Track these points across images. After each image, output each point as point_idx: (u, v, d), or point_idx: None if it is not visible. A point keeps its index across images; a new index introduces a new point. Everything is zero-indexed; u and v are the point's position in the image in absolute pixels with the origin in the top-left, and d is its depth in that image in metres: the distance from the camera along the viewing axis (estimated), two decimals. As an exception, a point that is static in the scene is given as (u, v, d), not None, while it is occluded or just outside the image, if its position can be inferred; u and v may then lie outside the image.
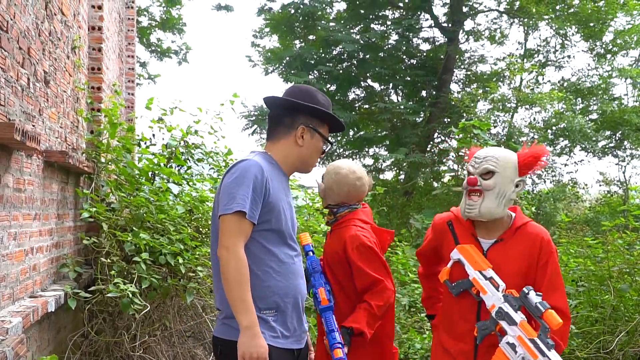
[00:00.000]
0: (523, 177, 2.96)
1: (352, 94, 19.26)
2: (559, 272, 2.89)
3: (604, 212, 11.83)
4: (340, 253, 3.35)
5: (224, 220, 2.59)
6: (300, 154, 2.85)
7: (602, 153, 16.08)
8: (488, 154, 2.96)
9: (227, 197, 2.60)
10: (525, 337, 2.69)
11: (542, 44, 17.73)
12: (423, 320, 6.21)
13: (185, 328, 5.21)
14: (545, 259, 2.86)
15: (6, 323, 3.02)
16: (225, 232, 2.57)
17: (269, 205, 2.66)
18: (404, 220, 12.68)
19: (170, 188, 5.70)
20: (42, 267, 4.05)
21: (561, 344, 2.78)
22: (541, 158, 2.94)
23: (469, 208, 2.95)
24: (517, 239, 2.92)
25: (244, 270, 2.55)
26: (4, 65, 3.14)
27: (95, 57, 5.92)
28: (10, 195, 3.34)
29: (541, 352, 2.63)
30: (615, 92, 16.60)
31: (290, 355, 2.72)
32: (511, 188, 2.91)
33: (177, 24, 21.13)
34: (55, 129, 4.41)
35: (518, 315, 2.74)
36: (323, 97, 2.90)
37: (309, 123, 2.83)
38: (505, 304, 2.77)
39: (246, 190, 2.58)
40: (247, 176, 2.61)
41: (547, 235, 2.93)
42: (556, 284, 2.85)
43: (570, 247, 6.09)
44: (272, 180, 2.70)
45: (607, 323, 4.81)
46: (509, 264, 2.88)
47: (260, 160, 2.70)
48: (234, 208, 2.55)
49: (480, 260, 2.90)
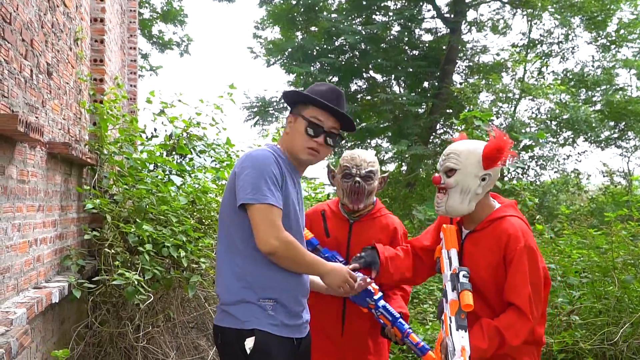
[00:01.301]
0: (490, 170, 2.88)
1: (354, 85, 19.23)
2: (524, 270, 2.76)
3: (608, 203, 11.78)
4: (385, 240, 3.39)
5: (256, 210, 2.57)
6: (288, 140, 2.81)
7: (606, 144, 16.05)
8: (451, 151, 2.94)
9: (249, 186, 2.58)
10: (448, 314, 2.69)
11: (545, 34, 17.66)
12: (426, 311, 6.22)
13: (188, 319, 5.22)
14: (510, 256, 2.78)
15: (10, 314, 3.02)
16: (262, 223, 2.56)
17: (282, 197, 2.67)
18: (407, 212, 12.65)
19: (173, 179, 5.71)
20: (46, 259, 4.06)
21: (506, 338, 2.69)
22: (504, 149, 2.86)
23: (437, 206, 2.98)
24: (488, 232, 2.88)
25: (299, 250, 2.64)
26: (7, 57, 3.13)
27: (98, 49, 5.91)
28: (14, 187, 3.34)
29: (451, 330, 2.62)
30: (619, 82, 16.57)
31: (289, 344, 2.70)
32: (476, 182, 2.86)
33: (178, 15, 21.11)
34: (58, 121, 4.40)
35: (453, 294, 2.72)
36: (321, 85, 2.86)
37: (294, 110, 2.83)
38: (449, 282, 2.78)
39: (267, 180, 2.59)
40: (265, 168, 2.61)
41: (519, 232, 2.82)
42: (518, 282, 2.75)
43: (573, 239, 6.08)
44: (284, 173, 2.70)
45: (611, 314, 4.80)
46: (479, 256, 2.87)
47: (273, 152, 2.72)
48: (260, 200, 2.56)
49: (450, 241, 2.92)
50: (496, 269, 2.82)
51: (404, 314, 3.27)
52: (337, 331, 3.41)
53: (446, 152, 2.97)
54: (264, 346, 2.58)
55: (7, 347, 2.56)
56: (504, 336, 2.70)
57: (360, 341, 3.41)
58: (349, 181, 3.38)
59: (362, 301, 3.21)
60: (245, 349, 2.58)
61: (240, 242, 2.65)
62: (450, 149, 2.97)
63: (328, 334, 3.41)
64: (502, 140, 2.87)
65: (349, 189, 3.38)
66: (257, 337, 2.59)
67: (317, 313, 3.29)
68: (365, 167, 3.39)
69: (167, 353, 4.87)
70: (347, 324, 3.40)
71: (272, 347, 2.60)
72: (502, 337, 2.70)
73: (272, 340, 2.61)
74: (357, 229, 3.44)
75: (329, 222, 3.49)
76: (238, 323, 2.62)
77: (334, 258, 3.29)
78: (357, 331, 3.40)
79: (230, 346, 2.64)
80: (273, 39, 20.32)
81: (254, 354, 2.58)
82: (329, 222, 3.50)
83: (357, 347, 3.41)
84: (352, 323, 3.39)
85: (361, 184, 3.36)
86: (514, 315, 2.73)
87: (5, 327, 2.85)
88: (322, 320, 3.36)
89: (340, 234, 3.45)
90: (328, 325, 3.40)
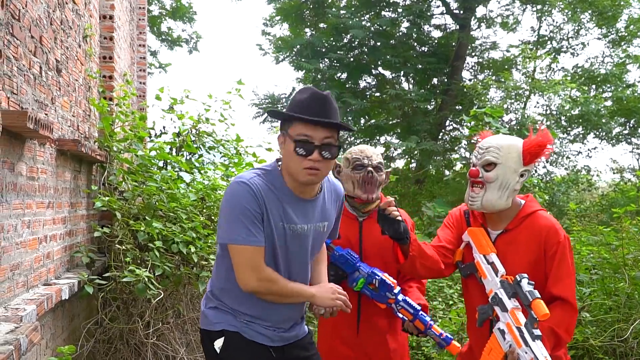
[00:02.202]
0: (528, 166, 2.87)
1: (363, 81, 19.17)
2: (567, 261, 2.79)
3: (618, 199, 11.72)
4: None
5: (234, 251, 2.49)
6: (284, 163, 2.58)
7: (616, 140, 15.97)
8: (491, 144, 2.89)
9: (225, 226, 2.50)
10: (513, 325, 2.64)
11: (555, 30, 17.57)
12: (436, 308, 6.20)
13: (198, 316, 5.22)
14: (553, 249, 2.78)
15: (20, 311, 3.03)
16: (241, 265, 2.49)
17: None
18: (416, 209, 12.61)
19: (182, 176, 5.72)
20: (55, 255, 4.07)
21: (562, 336, 2.70)
22: (546, 146, 2.85)
23: (471, 200, 2.92)
24: (523, 229, 2.86)
25: (280, 285, 2.55)
26: (16, 54, 3.14)
27: (107, 46, 5.92)
28: (23, 184, 3.35)
29: (525, 341, 2.57)
30: (629, 78, 16.47)
31: (264, 352, 2.62)
32: (515, 178, 2.84)
33: (187, 12, 21.14)
34: (68, 118, 4.41)
35: (511, 302, 2.68)
36: (303, 94, 2.55)
37: (283, 127, 2.58)
38: (501, 289, 2.73)
39: (242, 219, 2.46)
40: (240, 206, 2.46)
41: (555, 224, 2.85)
42: (563, 274, 2.77)
43: (583, 235, 6.05)
44: (265, 205, 2.51)
45: (621, 311, 4.78)
46: (515, 254, 2.84)
47: (257, 182, 2.53)
48: (237, 241, 2.47)
49: (486, 244, 2.88)
50: (535, 265, 2.81)
51: (423, 305, 3.25)
52: (352, 331, 3.36)
53: (484, 146, 2.91)
54: (233, 346, 2.56)
55: (16, 344, 2.56)
56: (559, 335, 2.69)
57: (378, 338, 3.36)
58: (361, 172, 3.33)
59: (381, 297, 3.19)
60: (215, 349, 2.58)
61: (228, 262, 2.58)
62: (489, 142, 2.91)
63: (342, 337, 3.36)
64: (544, 136, 2.85)
65: (361, 179, 3.33)
66: (226, 337, 2.57)
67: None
68: (375, 158, 3.37)
69: (176, 349, 4.88)
70: (362, 322, 3.35)
71: (242, 347, 2.57)
72: (557, 336, 2.69)
73: (241, 342, 2.58)
74: (368, 227, 3.40)
75: None
76: (209, 324, 2.63)
77: (349, 255, 3.26)
78: (374, 328, 3.35)
79: (206, 347, 2.65)
80: (282, 35, 20.31)
81: (223, 352, 2.57)
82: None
83: (375, 344, 3.36)
84: (367, 321, 3.35)
85: (374, 174, 3.32)
86: (561, 310, 2.71)
87: (14, 323, 2.86)
88: (336, 320, 3.26)
89: (350, 234, 3.40)
90: (342, 325, 3.34)
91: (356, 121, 17.93)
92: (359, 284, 3.22)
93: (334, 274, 3.23)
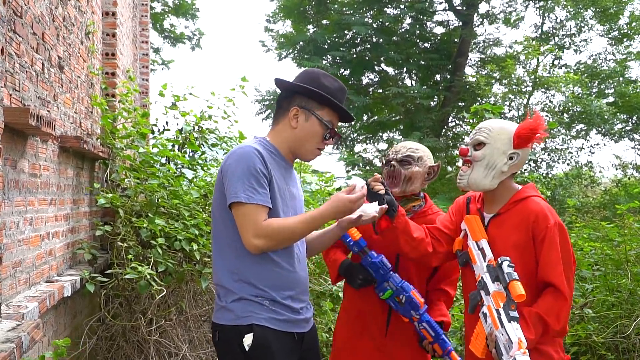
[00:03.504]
0: (518, 149, 2.86)
1: (366, 78, 19.20)
2: (557, 247, 2.74)
3: (620, 195, 11.71)
4: None
5: (240, 211, 2.55)
6: (295, 137, 2.74)
7: (619, 136, 15.95)
8: (483, 125, 2.94)
9: (235, 185, 2.55)
10: (493, 307, 2.64)
11: (557, 27, 17.54)
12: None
13: (200, 312, 5.22)
14: (542, 234, 2.75)
15: (22, 308, 3.03)
16: (244, 225, 2.54)
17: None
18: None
19: (184, 173, 5.71)
20: (58, 252, 4.07)
21: (550, 323, 2.65)
22: (538, 130, 2.84)
23: (459, 178, 2.94)
24: (513, 214, 2.85)
25: (285, 227, 2.58)
26: (18, 51, 3.14)
27: (109, 43, 5.91)
28: (26, 181, 3.35)
29: (502, 322, 2.57)
30: (631, 75, 16.45)
31: (290, 340, 2.66)
32: (503, 160, 2.84)
33: (190, 9, 21.14)
34: (70, 115, 4.41)
35: (494, 286, 2.67)
36: (330, 82, 2.75)
37: (304, 104, 2.71)
38: (486, 274, 2.73)
39: (251, 179, 2.54)
40: (250, 166, 2.56)
41: (546, 209, 2.82)
42: (552, 260, 2.72)
43: (584, 231, 6.04)
44: (271, 169, 2.64)
45: (624, 307, 4.77)
46: (504, 238, 2.82)
47: (258, 147, 2.65)
48: (244, 199, 2.52)
49: (478, 231, 2.88)
50: (523, 250, 2.79)
51: (445, 323, 3.19)
52: (381, 332, 3.27)
53: (478, 127, 2.96)
54: (263, 341, 2.56)
55: (18, 342, 2.56)
56: (547, 322, 2.66)
57: (405, 342, 3.26)
58: (386, 167, 3.30)
59: (405, 312, 3.13)
60: (244, 345, 2.56)
61: (232, 241, 2.63)
62: (483, 124, 2.96)
63: (371, 334, 3.28)
64: (537, 121, 2.85)
65: (386, 174, 3.28)
66: (256, 332, 2.56)
67: (361, 313, 3.26)
68: (403, 152, 3.28)
69: (179, 346, 4.88)
70: (391, 325, 3.26)
71: (271, 342, 2.57)
72: (545, 323, 2.66)
73: (271, 335, 2.58)
74: None
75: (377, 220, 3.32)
76: (236, 319, 2.60)
77: (381, 264, 3.13)
78: (403, 335, 3.25)
79: (228, 344, 2.62)
80: (284, 32, 20.31)
81: (253, 350, 2.55)
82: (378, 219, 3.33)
83: (403, 347, 3.27)
84: (396, 326, 3.24)
85: (396, 168, 3.23)
86: (551, 297, 2.69)
87: (16, 321, 2.86)
88: (365, 320, 3.26)
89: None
90: (372, 324, 3.28)
91: (359, 118, 17.95)
92: (386, 295, 3.14)
93: (363, 278, 3.16)
